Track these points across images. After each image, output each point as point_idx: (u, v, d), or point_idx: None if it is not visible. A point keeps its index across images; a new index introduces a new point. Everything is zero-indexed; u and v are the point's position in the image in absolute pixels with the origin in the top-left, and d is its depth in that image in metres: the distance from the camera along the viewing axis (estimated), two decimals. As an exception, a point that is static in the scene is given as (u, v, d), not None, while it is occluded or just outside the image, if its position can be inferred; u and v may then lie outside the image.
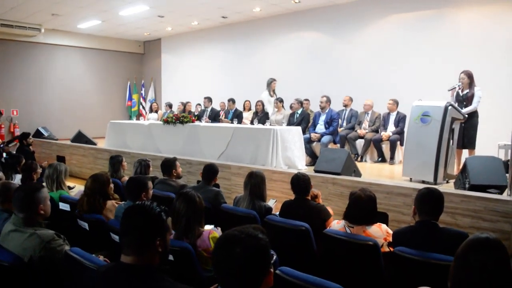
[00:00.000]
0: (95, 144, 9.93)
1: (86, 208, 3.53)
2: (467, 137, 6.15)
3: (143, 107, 15.39)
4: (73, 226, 3.66)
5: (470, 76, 6.22)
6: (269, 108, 8.97)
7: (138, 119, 11.16)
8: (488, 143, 6.76)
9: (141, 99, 15.58)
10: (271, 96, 9.07)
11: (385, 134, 7.81)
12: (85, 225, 3.53)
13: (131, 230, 1.83)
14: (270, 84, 9.18)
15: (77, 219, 3.61)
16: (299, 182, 3.83)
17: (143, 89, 15.64)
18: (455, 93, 6.32)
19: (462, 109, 6.01)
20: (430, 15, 8.93)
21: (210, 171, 4.41)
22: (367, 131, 8.08)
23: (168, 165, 4.78)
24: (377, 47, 9.68)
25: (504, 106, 7.81)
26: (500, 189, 4.58)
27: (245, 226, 1.59)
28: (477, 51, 8.19)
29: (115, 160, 5.34)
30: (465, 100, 6.15)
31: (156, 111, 11.94)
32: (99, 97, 14.85)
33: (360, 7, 9.86)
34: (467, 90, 6.19)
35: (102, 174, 3.84)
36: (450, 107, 5.48)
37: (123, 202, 3.68)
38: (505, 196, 4.37)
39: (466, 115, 5.90)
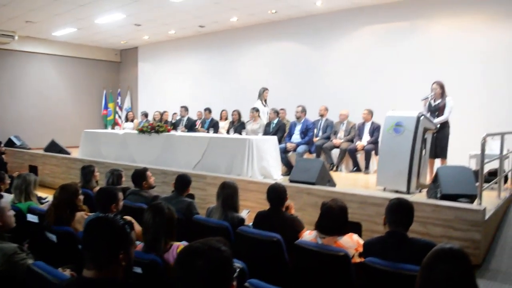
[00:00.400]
0: (69, 153, 9.74)
1: (54, 219, 3.43)
2: (439, 147, 6.26)
3: (119, 116, 15.21)
4: (41, 238, 3.56)
5: (442, 86, 6.34)
6: (263, 119, 8.73)
7: (113, 128, 11.00)
8: (459, 153, 6.89)
9: (117, 108, 15.40)
10: (264, 106, 8.90)
11: (360, 144, 7.88)
12: (53, 237, 3.43)
13: (93, 243, 1.78)
14: (262, 93, 8.99)
15: (45, 231, 3.51)
16: (275, 193, 3.80)
17: (119, 97, 15.47)
18: (427, 103, 6.42)
19: (434, 119, 6.12)
20: (403, 26, 9.13)
21: (182, 182, 4.36)
22: (342, 140, 8.14)
23: (139, 175, 4.71)
24: (352, 58, 9.83)
25: (475, 116, 7.99)
26: (471, 198, 4.65)
27: (207, 238, 1.57)
28: (448, 62, 8.39)
29: (87, 170, 5.24)
30: (437, 110, 6.26)
31: (132, 120, 11.82)
32: (74, 105, 14.63)
33: (336, 18, 10.01)
34: (439, 100, 6.30)
35: (71, 184, 3.75)
36: (422, 117, 5.57)
37: (93, 213, 3.60)
38: (475, 205, 4.44)
39: (438, 125, 6.01)
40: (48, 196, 7.35)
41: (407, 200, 3.02)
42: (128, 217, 3.42)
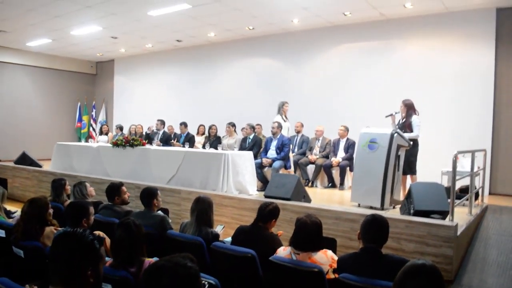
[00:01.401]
0: (40, 166, 9.49)
1: (22, 234, 3.32)
2: (407, 164, 6.35)
3: (93, 129, 14.98)
4: (8, 253, 3.44)
5: (407, 105, 6.47)
6: (284, 135, 7.97)
7: (87, 141, 10.83)
8: (432, 170, 7.02)
9: (92, 120, 15.18)
10: (284, 121, 8.16)
11: (335, 160, 7.95)
12: (20, 253, 3.32)
13: (60, 258, 1.72)
14: (282, 107, 8.26)
15: (12, 246, 3.39)
16: (266, 210, 3.77)
17: (94, 110, 15.26)
18: (396, 121, 6.54)
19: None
20: (377, 46, 9.34)
21: (146, 195, 4.24)
22: (317, 156, 8.19)
23: (113, 190, 4.60)
24: (328, 75, 9.98)
25: (447, 134, 8.19)
26: (443, 214, 4.72)
27: (173, 255, 1.54)
28: (421, 81, 8.62)
29: (58, 184, 5.11)
30: (403, 128, 6.38)
31: (107, 133, 11.65)
32: (47, 117, 14.34)
33: (313, 35, 10.17)
34: (405, 119, 6.43)
35: (40, 198, 3.64)
36: (396, 135, 5.66)
37: (63, 228, 3.50)
38: (447, 221, 4.50)
39: (411, 142, 6.11)
40: (17, 210, 7.14)
41: (382, 217, 3.04)
42: (99, 232, 3.37)
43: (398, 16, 8.90)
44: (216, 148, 7.57)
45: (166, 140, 9.70)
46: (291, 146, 8.32)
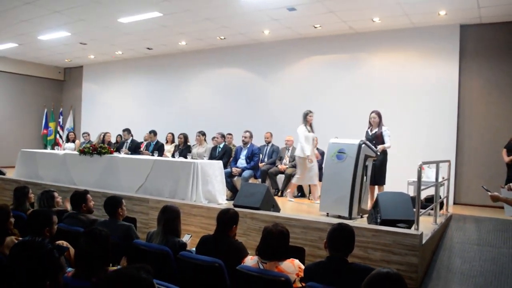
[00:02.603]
0: (3, 173, 9.19)
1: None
2: (378, 174, 6.47)
3: (60, 136, 14.63)
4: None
5: (379, 115, 6.62)
6: (306, 148, 7.09)
7: (53, 148, 10.56)
8: (399, 180, 7.16)
9: (59, 127, 14.84)
10: (308, 132, 7.32)
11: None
12: (-22, 264, 3.19)
13: (17, 269, 1.66)
14: (306, 117, 7.43)
15: (-31, 257, 3.25)
16: (227, 217, 3.73)
17: (61, 117, 14.92)
18: (365, 132, 6.67)
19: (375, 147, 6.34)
20: (347, 58, 9.54)
21: (109, 204, 4.15)
22: (287, 166, 8.23)
23: (78, 198, 4.49)
24: (298, 86, 10.11)
25: (414, 145, 8.39)
26: (408, 223, 4.81)
27: (129, 266, 1.52)
28: (387, 93, 8.85)
29: (20, 192, 4.95)
30: (374, 138, 6.50)
31: (73, 141, 11.38)
32: (12, 124, 13.93)
33: (283, 47, 10.29)
34: (376, 129, 6.56)
35: (1, 206, 3.52)
36: (363, 145, 5.77)
37: (24, 238, 3.38)
38: (412, 230, 4.59)
39: (379, 153, 6.23)
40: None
41: (348, 225, 3.07)
42: (62, 242, 3.27)
43: (366, 30, 9.12)
44: (186, 157, 7.52)
45: (135, 148, 9.55)
46: (261, 155, 8.35)
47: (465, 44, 8.42)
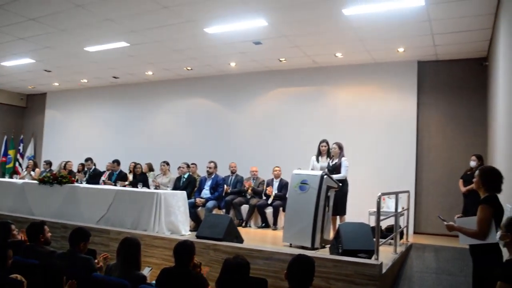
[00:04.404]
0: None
1: None
2: (339, 205, 6.57)
3: (20, 164, 14.17)
4: None
5: (340, 147, 6.79)
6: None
7: (12, 177, 10.23)
8: (360, 210, 7.30)
9: (18, 155, 14.38)
10: (317, 162, 6.95)
11: (269, 188, 8.17)
12: None
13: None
14: (318, 146, 7.07)
15: None
16: (183, 250, 3.69)
17: (21, 144, 14.48)
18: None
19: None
20: (311, 91, 9.81)
21: (76, 236, 4.04)
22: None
23: (35, 229, 4.36)
24: (263, 117, 10.28)
25: (374, 175, 8.61)
26: (369, 253, 4.90)
27: None
28: (352, 125, 9.11)
29: (-26, 224, 4.76)
30: (334, 169, 6.64)
31: (33, 169, 11.05)
32: (-32, 151, 13.44)
33: (249, 79, 10.49)
34: (336, 160, 6.71)
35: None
36: (325, 176, 5.87)
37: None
38: (372, 260, 4.67)
39: (340, 184, 6.35)
40: None
41: (308, 257, 3.11)
42: (16, 275, 3.17)
43: (329, 64, 9.42)
44: (148, 187, 7.44)
45: (95, 177, 9.33)
46: (225, 186, 8.35)
47: (423, 79, 8.82)
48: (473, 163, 6.91)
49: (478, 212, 3.38)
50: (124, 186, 8.06)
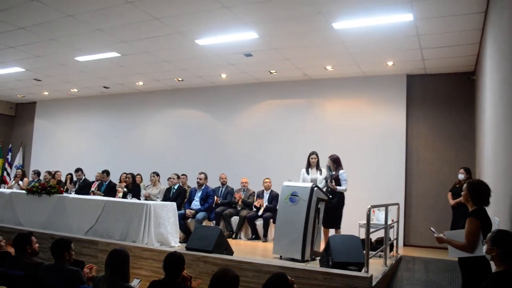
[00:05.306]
0: None
1: None
2: (333, 217, 6.58)
3: (8, 174, 14.00)
4: None
5: (333, 160, 6.81)
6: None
7: (0, 186, 10.08)
8: (351, 223, 7.31)
9: (7, 164, 14.20)
10: (307, 174, 7.01)
11: (260, 199, 8.16)
12: None
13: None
14: (307, 158, 7.15)
15: None
16: (172, 262, 3.65)
17: (10, 153, 14.31)
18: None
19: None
20: (301, 103, 9.89)
21: (57, 248, 3.90)
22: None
23: (21, 240, 4.29)
24: (253, 129, 10.31)
25: (364, 188, 8.63)
26: (359, 266, 4.90)
27: None
28: (341, 138, 9.18)
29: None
30: (332, 181, 6.64)
31: (22, 179, 10.91)
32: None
33: (239, 90, 10.54)
34: (333, 173, 6.73)
35: None
36: (316, 188, 5.89)
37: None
38: (362, 273, 4.67)
39: (330, 196, 6.36)
40: None
41: (282, 275, 3.04)
42: (1, 287, 3.11)
43: (320, 77, 9.51)
44: (139, 198, 7.38)
45: (85, 187, 9.25)
46: (215, 197, 8.32)
47: (412, 92, 8.93)
48: (461, 176, 6.98)
49: (466, 225, 3.41)
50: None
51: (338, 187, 6.53)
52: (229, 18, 6.56)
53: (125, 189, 8.35)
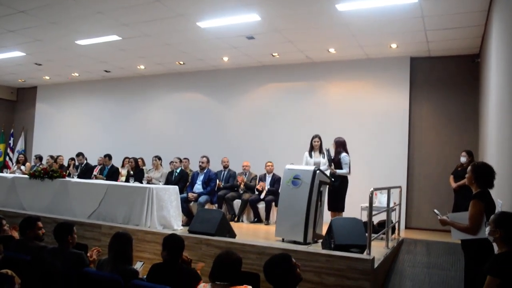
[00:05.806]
0: None
1: None
2: (336, 201, 6.59)
3: (10, 159, 14.04)
4: None
5: (336, 142, 6.80)
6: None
7: (2, 171, 10.12)
8: (354, 206, 7.32)
9: (9, 149, 14.24)
10: (310, 157, 6.93)
11: (262, 183, 8.19)
12: None
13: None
14: (310, 142, 7.05)
15: None
16: (172, 244, 3.68)
17: (11, 138, 14.34)
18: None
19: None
20: (304, 86, 9.81)
21: (58, 231, 3.96)
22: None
23: (28, 224, 4.31)
24: (256, 112, 10.26)
25: (366, 171, 8.61)
26: (361, 248, 4.92)
27: None
28: (344, 120, 9.12)
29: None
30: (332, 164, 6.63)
31: (24, 164, 10.95)
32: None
33: (241, 73, 10.46)
34: (334, 156, 6.72)
35: None
36: (318, 171, 5.88)
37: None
38: (364, 255, 4.69)
39: (333, 179, 6.36)
40: None
41: (287, 255, 3.04)
42: (7, 271, 3.13)
43: (322, 59, 9.42)
44: (141, 182, 7.40)
45: (87, 171, 9.27)
46: (217, 181, 8.33)
47: (415, 75, 8.85)
48: (463, 159, 6.95)
49: (470, 207, 3.40)
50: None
51: (338, 171, 6.52)
52: (231, 0, 6.48)
53: (131, 172, 8.39)
